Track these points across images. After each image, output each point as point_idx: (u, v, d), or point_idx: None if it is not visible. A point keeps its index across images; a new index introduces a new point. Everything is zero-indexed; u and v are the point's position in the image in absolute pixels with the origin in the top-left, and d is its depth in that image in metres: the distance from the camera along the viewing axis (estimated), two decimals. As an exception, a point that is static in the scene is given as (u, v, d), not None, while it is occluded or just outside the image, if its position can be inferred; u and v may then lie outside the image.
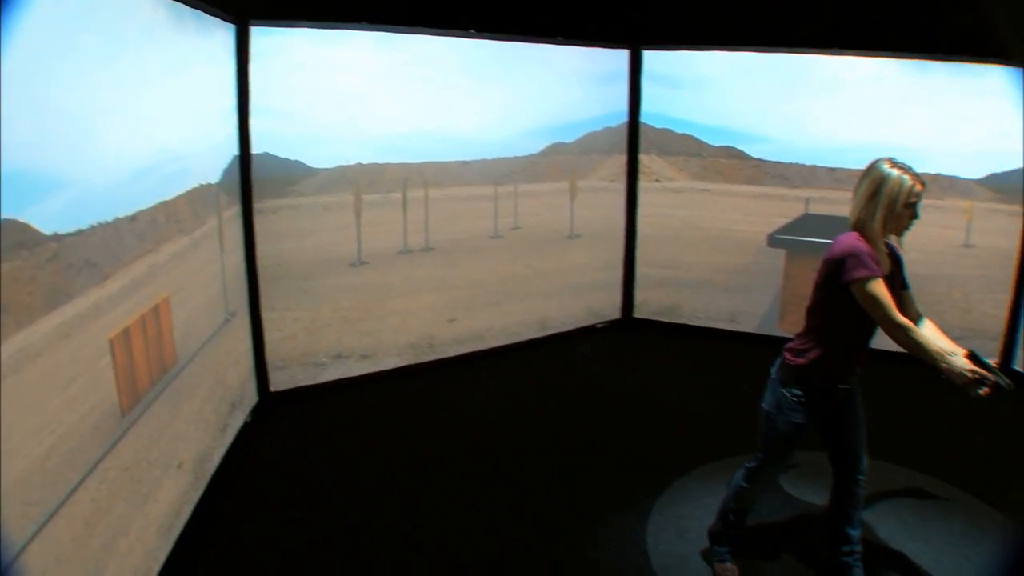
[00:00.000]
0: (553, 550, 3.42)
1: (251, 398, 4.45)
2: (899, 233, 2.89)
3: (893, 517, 3.78)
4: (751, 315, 5.92)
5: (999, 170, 5.28)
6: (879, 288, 2.75)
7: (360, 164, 4.81)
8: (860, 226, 2.84)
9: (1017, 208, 5.26)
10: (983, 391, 2.63)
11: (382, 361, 5.07)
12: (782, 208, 5.83)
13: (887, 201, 2.79)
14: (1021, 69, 5.07)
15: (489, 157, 5.39)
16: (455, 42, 5.06)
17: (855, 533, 3.22)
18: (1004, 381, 2.65)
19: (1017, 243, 5.31)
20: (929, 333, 2.85)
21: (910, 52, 5.29)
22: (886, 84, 5.40)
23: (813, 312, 2.98)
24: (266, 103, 4.32)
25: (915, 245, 2.62)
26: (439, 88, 5.04)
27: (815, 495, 3.84)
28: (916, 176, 2.81)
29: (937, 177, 5.40)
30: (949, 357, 2.69)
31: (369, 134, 4.80)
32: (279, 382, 4.66)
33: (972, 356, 2.70)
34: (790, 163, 5.78)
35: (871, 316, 2.80)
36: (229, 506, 3.61)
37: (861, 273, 2.74)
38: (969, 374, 2.64)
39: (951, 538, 3.64)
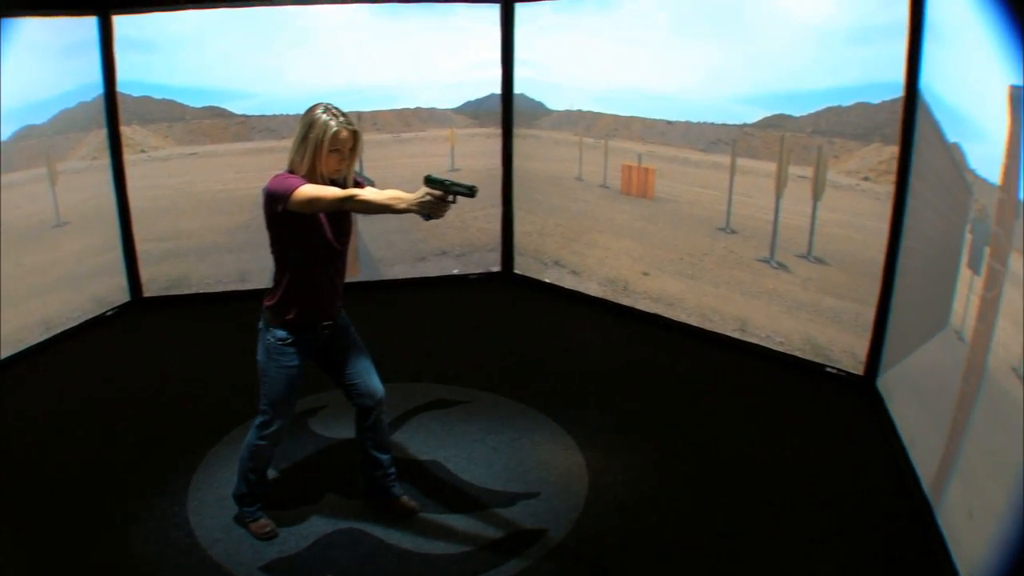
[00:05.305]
0: (97, 557, 3.27)
1: None
2: (336, 177, 2.97)
3: (422, 431, 4.15)
4: (260, 271, 6.04)
5: (473, 97, 6.13)
6: (311, 187, 2.82)
7: None
8: (293, 168, 2.94)
9: (491, 130, 6.20)
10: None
11: None
12: (272, 161, 5.73)
13: (313, 145, 2.87)
14: (497, 4, 5.87)
15: (-52, 154, 4.61)
16: None
17: (386, 457, 3.43)
18: (465, 188, 2.72)
19: (498, 161, 6.26)
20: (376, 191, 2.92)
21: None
22: (360, 29, 5.83)
23: (273, 252, 3.04)
24: None
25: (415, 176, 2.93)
26: None
27: (345, 430, 3.98)
28: (345, 122, 2.89)
29: (418, 111, 6.12)
30: (403, 196, 2.78)
31: None
32: None
33: (427, 180, 2.77)
34: (275, 115, 5.96)
35: (324, 209, 2.84)
36: None
37: (292, 185, 2.80)
38: (430, 198, 2.73)
39: (479, 435, 4.10)
